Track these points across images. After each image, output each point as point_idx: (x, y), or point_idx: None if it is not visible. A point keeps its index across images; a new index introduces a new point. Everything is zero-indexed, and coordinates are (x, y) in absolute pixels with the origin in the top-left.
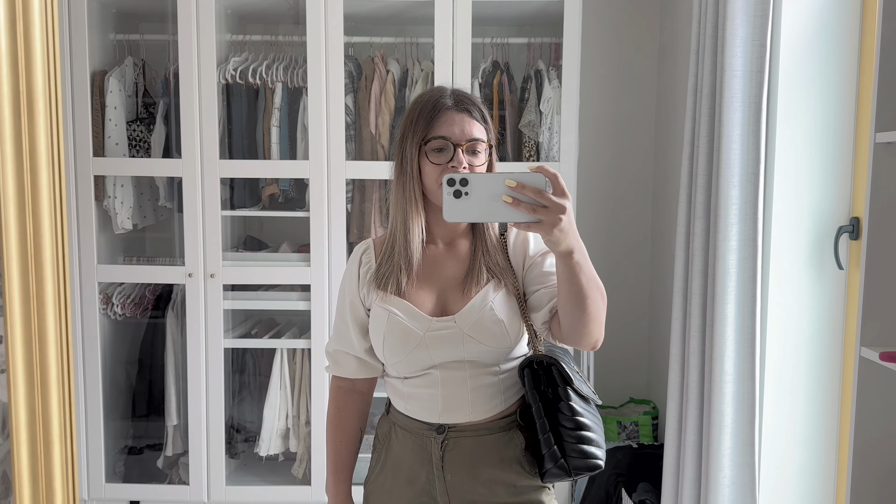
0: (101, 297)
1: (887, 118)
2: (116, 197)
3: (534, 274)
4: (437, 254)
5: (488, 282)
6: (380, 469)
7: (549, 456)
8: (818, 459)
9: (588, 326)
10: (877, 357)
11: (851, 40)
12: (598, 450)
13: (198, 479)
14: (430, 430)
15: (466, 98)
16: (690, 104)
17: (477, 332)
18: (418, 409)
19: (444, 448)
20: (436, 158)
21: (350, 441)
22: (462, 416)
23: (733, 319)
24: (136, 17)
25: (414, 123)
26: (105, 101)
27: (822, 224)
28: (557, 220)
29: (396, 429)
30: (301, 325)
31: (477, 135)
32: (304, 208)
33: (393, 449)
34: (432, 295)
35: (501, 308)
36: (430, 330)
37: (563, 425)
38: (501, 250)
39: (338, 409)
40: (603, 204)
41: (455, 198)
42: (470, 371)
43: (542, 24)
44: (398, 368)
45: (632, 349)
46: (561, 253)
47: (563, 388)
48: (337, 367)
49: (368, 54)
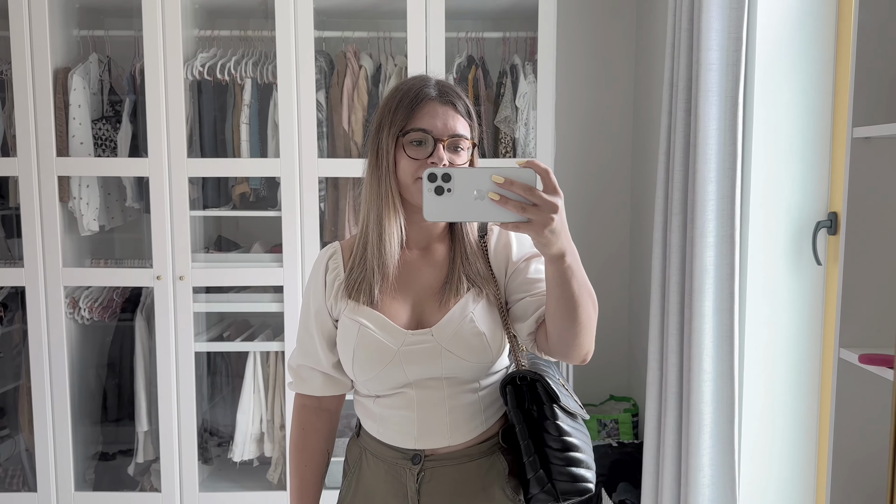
0: (67, 300)
1: (864, 113)
2: (82, 198)
3: (518, 281)
4: (413, 260)
5: (468, 291)
6: (351, 498)
7: (535, 480)
8: (798, 458)
9: (578, 338)
10: (856, 359)
11: (828, 34)
12: (587, 471)
13: (170, 486)
14: (405, 458)
15: (452, 90)
16: (666, 99)
17: (456, 345)
18: (391, 434)
19: (421, 480)
20: (413, 152)
21: (316, 464)
22: (440, 441)
23: (711, 316)
24: (100, 12)
25: (392, 113)
26: (69, 99)
27: (800, 219)
28: (549, 220)
29: (367, 455)
30: (275, 328)
31: (461, 131)
32: (276, 208)
33: (364, 478)
34: (407, 305)
35: (482, 319)
36: (404, 344)
37: (550, 446)
38: (482, 255)
39: (302, 429)
40: (581, 200)
41: (436, 194)
42: (448, 389)
43: (517, 18)
44: (369, 386)
45: (612, 346)
46: (552, 256)
47: (549, 405)
48: (301, 384)
49: (341, 49)
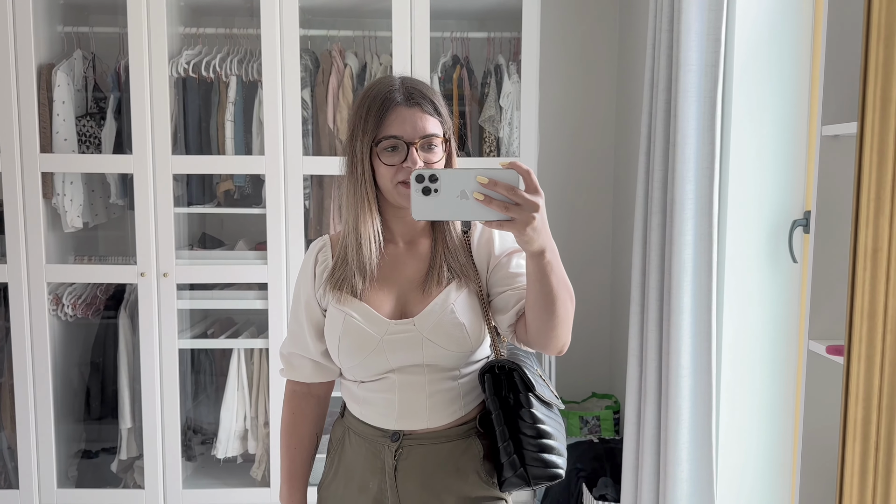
0: (50, 297)
1: (833, 111)
2: (66, 194)
3: (500, 275)
4: (397, 253)
5: (450, 282)
6: (333, 475)
7: (508, 464)
8: (775, 453)
9: (556, 330)
10: (824, 350)
11: (805, 35)
12: (558, 458)
13: (153, 483)
14: (385, 437)
15: (416, 91)
16: (647, 99)
17: (436, 335)
18: (373, 415)
19: (398, 457)
20: (389, 159)
21: (305, 447)
22: (419, 423)
23: (689, 314)
24: (85, 8)
25: (363, 121)
26: (52, 95)
27: (777, 218)
28: (530, 219)
29: (350, 434)
30: (259, 325)
31: (431, 130)
32: (261, 205)
33: (346, 455)
34: (391, 296)
35: (463, 310)
36: (387, 333)
37: (524, 433)
38: (464, 249)
39: (292, 413)
40: (563, 198)
41: (424, 195)
42: (428, 376)
43: (501, 19)
44: (354, 373)
45: (594, 343)
46: (533, 252)
47: (525, 394)
48: (291, 371)
49: (326, 48)
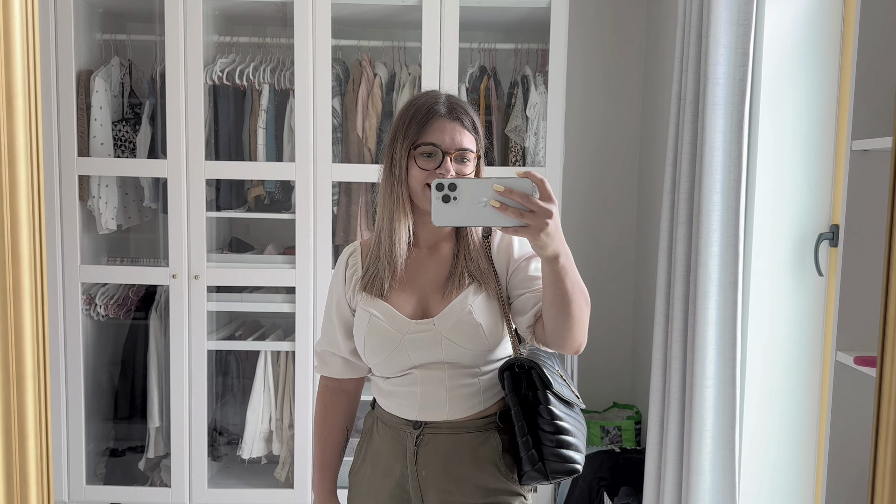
0: (83, 297)
1: (864, 126)
2: (101, 197)
3: (518, 278)
4: (420, 257)
5: (469, 285)
6: (361, 461)
7: (527, 459)
8: (798, 465)
9: (572, 331)
10: (851, 361)
11: (833, 49)
12: (576, 454)
13: (179, 482)
14: (408, 425)
15: (459, 107)
16: (674, 111)
17: (455, 334)
18: (398, 406)
19: (419, 443)
20: (424, 164)
21: (335, 440)
22: (439, 415)
23: (714, 325)
24: (123, 17)
25: (406, 127)
26: (90, 100)
27: (803, 230)
28: (544, 225)
29: (378, 423)
30: (285, 328)
31: (467, 145)
32: (290, 210)
33: (374, 442)
34: (413, 297)
35: (481, 311)
36: (408, 332)
37: (542, 429)
38: (485, 254)
39: (324, 407)
40: (588, 209)
41: (443, 202)
42: (448, 371)
43: (529, 31)
44: (380, 369)
45: (616, 354)
46: (547, 257)
47: (543, 391)
48: (324, 367)
49: (356, 57)
